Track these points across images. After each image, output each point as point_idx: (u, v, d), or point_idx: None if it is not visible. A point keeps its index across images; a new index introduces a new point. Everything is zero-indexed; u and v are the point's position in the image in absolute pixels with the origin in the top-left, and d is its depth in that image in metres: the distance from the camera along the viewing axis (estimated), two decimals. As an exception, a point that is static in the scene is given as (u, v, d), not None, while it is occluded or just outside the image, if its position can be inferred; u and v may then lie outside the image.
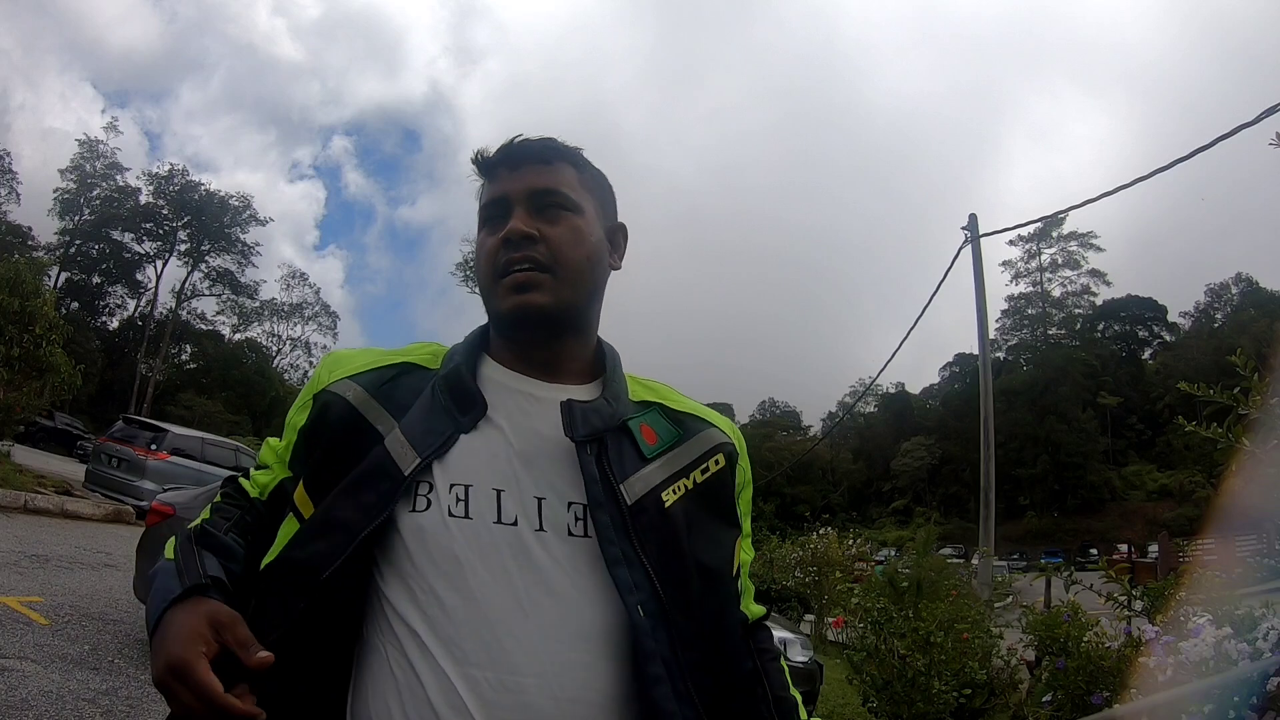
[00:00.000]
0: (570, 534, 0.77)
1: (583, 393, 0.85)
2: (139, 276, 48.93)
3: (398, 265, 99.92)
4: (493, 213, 0.85)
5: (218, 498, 0.91)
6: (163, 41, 76.58)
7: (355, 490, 0.77)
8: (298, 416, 0.87)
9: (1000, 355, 56.70)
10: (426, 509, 0.76)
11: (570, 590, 0.75)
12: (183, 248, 48.19)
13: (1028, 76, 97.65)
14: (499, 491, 0.77)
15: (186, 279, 48.66)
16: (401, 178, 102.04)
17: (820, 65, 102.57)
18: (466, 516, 0.75)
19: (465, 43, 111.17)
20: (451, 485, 0.76)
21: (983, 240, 10.27)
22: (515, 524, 0.76)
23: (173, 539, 0.83)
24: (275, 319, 54.91)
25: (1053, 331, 59.87)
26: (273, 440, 0.92)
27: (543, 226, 0.82)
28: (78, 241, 45.56)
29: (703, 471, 0.86)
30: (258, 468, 0.93)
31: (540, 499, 0.78)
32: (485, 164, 0.87)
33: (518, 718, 0.70)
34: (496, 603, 0.73)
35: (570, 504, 0.78)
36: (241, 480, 0.93)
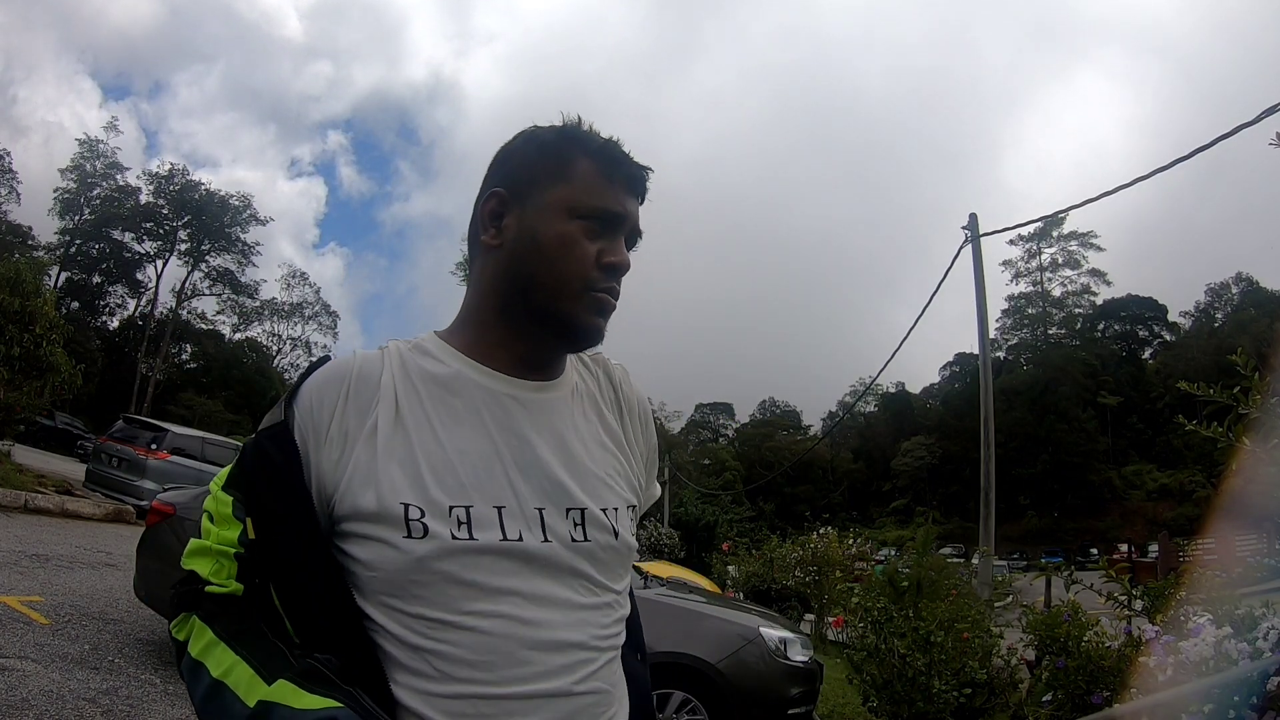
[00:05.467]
0: (573, 541, 0.77)
1: (557, 390, 0.84)
2: (139, 276, 48.95)
3: (398, 263, 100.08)
4: (607, 221, 0.81)
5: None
6: (163, 19, 76.60)
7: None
8: None
9: (1000, 355, 56.75)
10: (424, 535, 0.72)
11: (578, 598, 0.77)
12: (183, 247, 48.18)
13: (1031, 70, 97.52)
14: (500, 509, 0.75)
15: (186, 279, 48.65)
16: (401, 175, 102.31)
17: (819, 59, 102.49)
18: (471, 538, 0.73)
19: (466, 29, 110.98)
20: (451, 508, 0.73)
21: (983, 240, 10.26)
22: (520, 540, 0.74)
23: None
24: (275, 318, 54.98)
25: (1053, 331, 59.91)
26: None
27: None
28: (78, 241, 45.53)
29: None
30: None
31: (540, 509, 0.76)
32: (613, 161, 0.82)
33: None
34: (511, 623, 0.73)
35: (569, 510, 0.78)
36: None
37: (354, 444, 0.75)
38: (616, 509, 0.82)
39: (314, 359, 0.82)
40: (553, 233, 0.79)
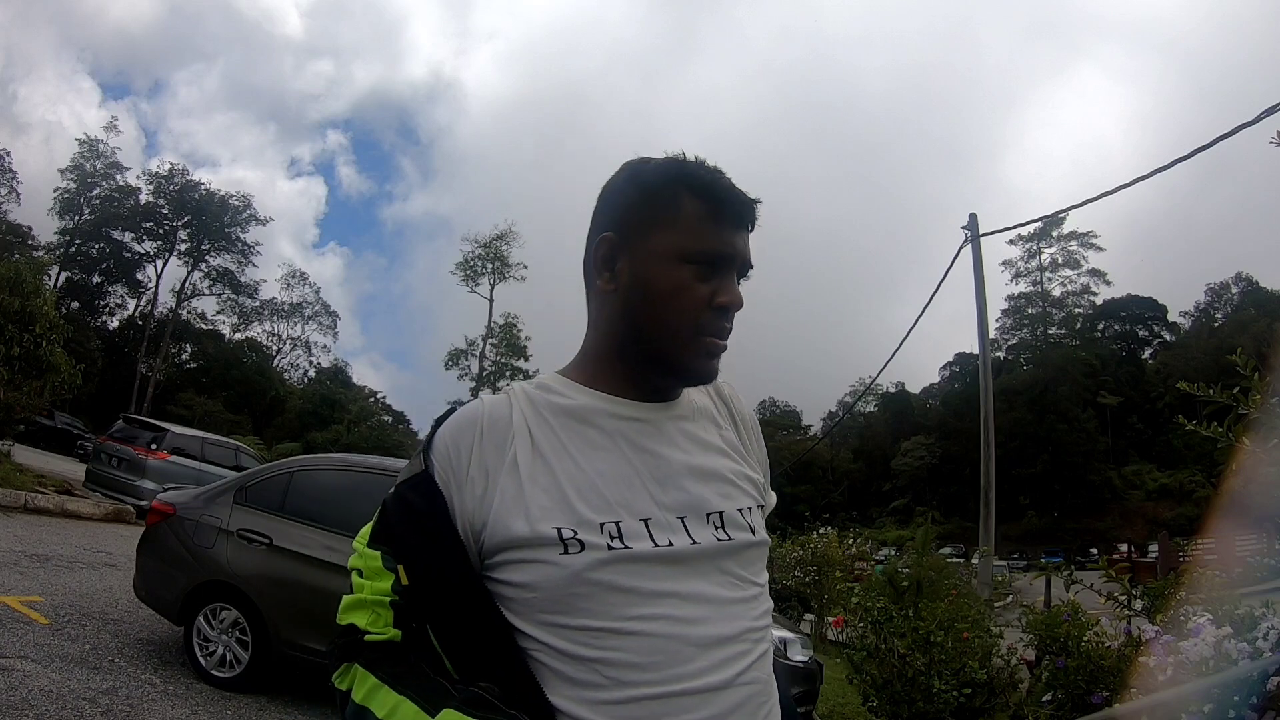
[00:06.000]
0: (718, 541, 0.82)
1: (678, 409, 0.88)
2: (139, 276, 49.01)
3: (397, 263, 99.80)
4: (717, 263, 0.82)
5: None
6: (163, 17, 76.43)
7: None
8: None
9: (1000, 355, 56.75)
10: (581, 550, 0.76)
11: (728, 594, 0.81)
12: (183, 247, 48.18)
13: (1032, 67, 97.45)
14: (646, 521, 0.79)
15: (186, 278, 48.69)
16: (400, 174, 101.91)
17: (817, 57, 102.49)
18: (625, 548, 0.76)
19: (467, 26, 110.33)
20: (602, 524, 0.77)
21: (983, 239, 10.27)
22: (671, 546, 0.78)
23: None
24: (275, 318, 55.01)
25: (1053, 331, 59.87)
26: None
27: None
28: (78, 241, 45.54)
29: None
30: None
31: (682, 518, 0.81)
32: (718, 200, 0.83)
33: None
34: (673, 623, 0.76)
35: (708, 515, 0.82)
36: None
37: (496, 478, 0.78)
38: (750, 508, 0.87)
39: (449, 405, 0.90)
40: (664, 280, 0.82)
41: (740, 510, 0.85)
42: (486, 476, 0.78)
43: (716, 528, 0.82)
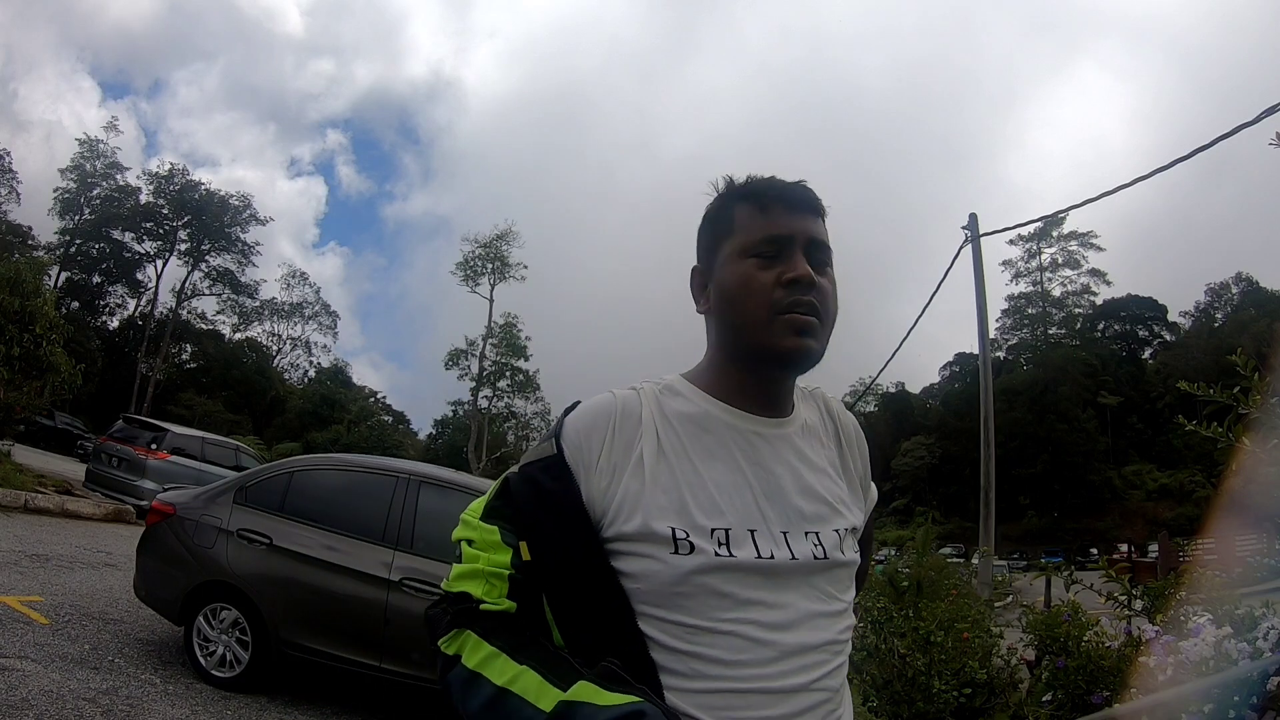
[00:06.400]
0: (815, 558, 0.87)
1: (790, 426, 0.93)
2: (139, 276, 48.97)
3: (397, 262, 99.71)
4: (771, 249, 0.88)
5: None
6: (163, 15, 76.33)
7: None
8: None
9: (1000, 355, 56.79)
10: (691, 552, 0.81)
11: (815, 607, 0.86)
12: (183, 247, 48.18)
13: (1032, 65, 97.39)
14: (752, 531, 0.84)
15: (186, 278, 48.69)
16: (400, 173, 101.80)
17: (817, 57, 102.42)
18: (731, 555, 0.82)
19: (467, 24, 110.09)
20: (713, 529, 0.82)
21: (983, 239, 10.27)
22: (772, 558, 0.84)
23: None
24: (275, 318, 55.03)
25: (1053, 331, 59.91)
26: None
27: (816, 276, 0.88)
28: (78, 241, 45.54)
29: None
30: None
31: (785, 532, 0.86)
32: (761, 195, 0.90)
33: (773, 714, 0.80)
34: (761, 628, 0.82)
35: (807, 532, 0.88)
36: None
37: (622, 474, 0.84)
38: (845, 529, 0.92)
39: (547, 407, 0.92)
40: (731, 278, 0.89)
41: (837, 531, 0.90)
42: (614, 471, 0.84)
43: (815, 545, 0.87)
